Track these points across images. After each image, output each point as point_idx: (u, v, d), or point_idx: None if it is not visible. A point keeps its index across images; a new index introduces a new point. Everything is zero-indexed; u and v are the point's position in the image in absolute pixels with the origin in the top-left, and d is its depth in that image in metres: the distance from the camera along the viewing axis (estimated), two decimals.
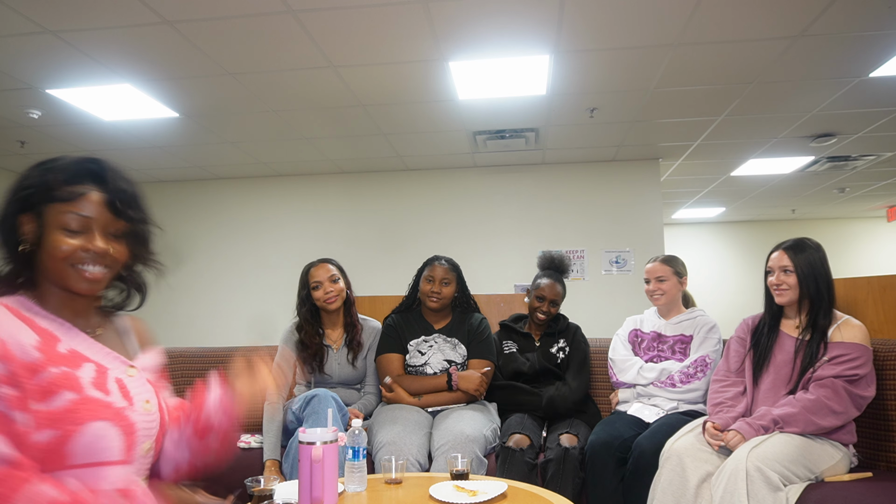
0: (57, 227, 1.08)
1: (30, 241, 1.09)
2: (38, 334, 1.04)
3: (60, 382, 1.01)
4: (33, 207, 1.09)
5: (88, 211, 1.10)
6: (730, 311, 5.48)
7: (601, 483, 2.24)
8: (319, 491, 1.48)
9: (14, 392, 0.97)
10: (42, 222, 1.08)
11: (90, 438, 1.02)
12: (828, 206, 8.18)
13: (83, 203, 1.10)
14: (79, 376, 1.05)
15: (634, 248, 5.58)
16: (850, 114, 4.35)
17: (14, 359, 0.98)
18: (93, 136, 4.52)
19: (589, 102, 4.08)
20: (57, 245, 1.08)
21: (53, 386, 1.00)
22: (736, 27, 3.04)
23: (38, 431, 0.97)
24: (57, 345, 1.06)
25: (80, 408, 1.02)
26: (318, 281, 2.62)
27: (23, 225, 1.09)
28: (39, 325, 1.06)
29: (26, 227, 1.09)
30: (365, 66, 3.44)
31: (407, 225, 5.85)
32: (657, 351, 2.62)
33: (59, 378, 1.01)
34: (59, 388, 1.01)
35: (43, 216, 1.09)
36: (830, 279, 2.13)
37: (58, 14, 2.80)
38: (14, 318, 1.03)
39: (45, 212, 1.09)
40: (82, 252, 1.09)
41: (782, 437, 1.94)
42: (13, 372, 0.97)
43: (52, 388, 1.00)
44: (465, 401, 2.56)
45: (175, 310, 5.87)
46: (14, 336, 1.00)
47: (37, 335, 1.03)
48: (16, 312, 1.04)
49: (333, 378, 2.64)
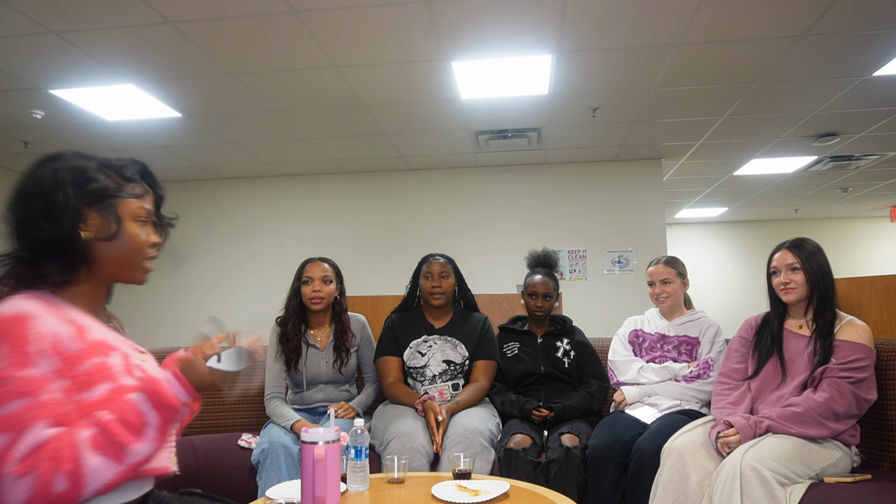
0: (132, 219, 1.14)
1: (95, 233, 1.10)
2: (71, 325, 1.06)
3: (98, 373, 1.05)
4: (103, 201, 1.11)
5: (149, 206, 1.18)
6: (732, 310, 5.46)
7: (603, 486, 2.24)
8: (322, 490, 1.49)
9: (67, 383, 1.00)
10: (114, 216, 1.12)
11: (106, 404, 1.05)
12: (831, 205, 8.16)
13: (147, 199, 1.18)
14: (111, 365, 1.07)
15: (637, 248, 5.58)
16: (853, 113, 4.34)
17: (61, 352, 1.01)
18: (96, 136, 4.53)
19: (591, 102, 4.08)
20: (138, 236, 1.15)
21: (92, 377, 1.04)
22: (738, 27, 3.03)
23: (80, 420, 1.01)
24: (87, 334, 1.07)
25: (117, 396, 1.05)
26: (309, 277, 2.60)
27: (91, 218, 1.10)
28: (69, 317, 1.07)
29: (94, 220, 1.10)
30: (367, 66, 3.45)
31: (409, 225, 5.85)
32: (661, 352, 2.62)
33: (96, 369, 1.05)
34: (97, 379, 1.04)
35: (116, 209, 1.12)
36: (833, 277, 2.14)
37: (61, 14, 2.81)
38: (48, 310, 1.04)
39: (119, 206, 1.13)
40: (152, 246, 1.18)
41: (779, 435, 1.94)
42: (61, 365, 1.00)
43: (92, 379, 1.03)
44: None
45: (177, 309, 5.89)
46: (56, 328, 1.02)
47: (69, 326, 1.05)
48: (47, 304, 1.05)
49: (321, 377, 2.64)
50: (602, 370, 2.74)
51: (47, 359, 0.99)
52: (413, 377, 2.63)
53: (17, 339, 0.97)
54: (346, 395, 2.68)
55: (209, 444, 2.54)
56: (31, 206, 1.07)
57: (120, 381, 1.06)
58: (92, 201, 1.10)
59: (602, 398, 2.67)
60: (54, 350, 1.00)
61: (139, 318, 5.90)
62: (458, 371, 2.61)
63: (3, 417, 0.94)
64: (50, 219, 1.06)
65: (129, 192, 1.14)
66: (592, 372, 2.71)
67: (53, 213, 1.06)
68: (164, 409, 1.04)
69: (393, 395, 2.55)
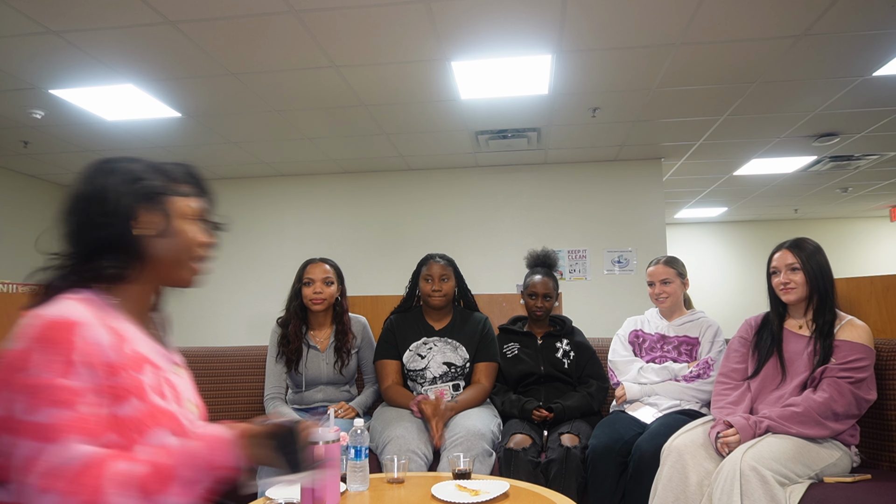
0: (181, 217, 1.15)
1: (146, 230, 1.11)
2: (112, 334, 1.04)
3: (130, 389, 1.02)
4: (153, 199, 1.12)
5: (196, 206, 1.19)
6: (732, 310, 5.47)
7: (603, 486, 2.24)
8: (321, 490, 1.49)
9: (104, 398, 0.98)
10: (164, 213, 1.13)
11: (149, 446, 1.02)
12: (830, 205, 8.16)
13: (194, 199, 1.19)
14: (143, 381, 1.05)
15: (637, 248, 5.58)
16: (853, 113, 4.34)
17: (99, 363, 0.99)
18: (96, 136, 4.53)
19: (591, 102, 4.08)
20: (187, 233, 1.15)
21: (125, 392, 1.01)
22: (738, 27, 3.03)
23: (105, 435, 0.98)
24: (125, 345, 1.06)
25: (145, 417, 1.03)
26: (310, 278, 2.60)
27: (142, 215, 1.11)
28: (111, 325, 1.05)
29: (145, 217, 1.11)
30: (367, 66, 3.45)
31: (409, 225, 5.85)
32: (661, 352, 2.62)
33: (128, 384, 1.02)
34: (129, 394, 1.02)
35: (165, 207, 1.13)
36: (833, 277, 2.14)
37: (61, 14, 2.81)
38: (94, 316, 1.03)
39: (168, 203, 1.14)
40: (201, 245, 1.18)
41: (779, 435, 1.94)
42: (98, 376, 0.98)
43: (124, 393, 1.01)
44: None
45: (176, 309, 5.86)
46: (99, 337, 1.00)
47: (111, 335, 1.03)
48: (93, 308, 1.04)
49: (322, 378, 2.64)
50: (602, 370, 2.74)
51: (90, 370, 0.97)
52: (413, 379, 2.63)
53: (64, 346, 0.95)
54: (346, 396, 2.68)
55: None
56: (86, 208, 1.09)
57: (150, 400, 1.05)
58: (143, 199, 1.11)
59: (602, 398, 2.67)
60: (98, 361, 0.98)
61: None
62: (459, 373, 2.61)
63: (35, 424, 0.91)
64: (104, 217, 1.08)
65: (177, 191, 1.16)
66: (592, 372, 2.71)
67: (107, 213, 1.08)
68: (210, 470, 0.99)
69: (390, 398, 2.55)
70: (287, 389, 2.69)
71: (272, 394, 2.59)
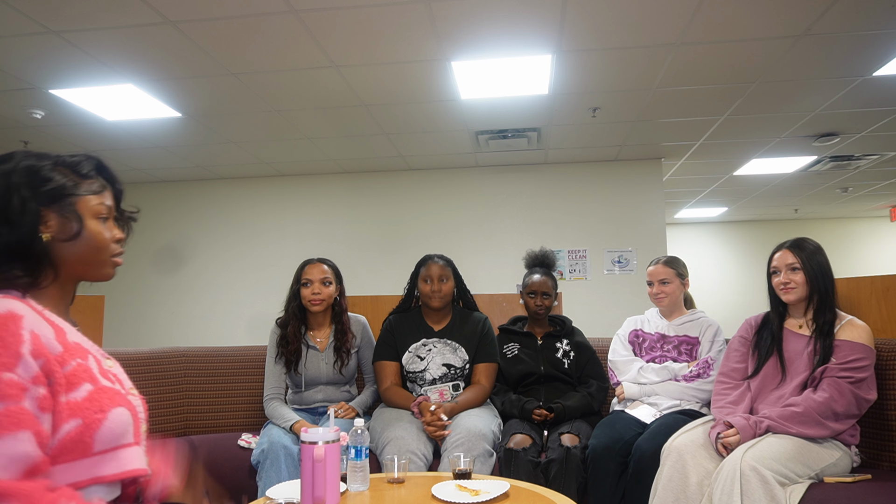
0: (92, 217, 1.12)
1: (56, 234, 1.08)
2: (51, 325, 1.04)
3: (80, 374, 1.03)
4: (61, 200, 1.08)
5: (109, 202, 1.16)
6: (732, 310, 5.47)
7: (603, 486, 2.24)
8: (322, 490, 1.49)
9: (45, 391, 0.97)
10: (74, 215, 1.09)
11: (113, 424, 1.04)
12: (831, 205, 8.16)
13: (106, 195, 1.15)
14: (90, 366, 1.06)
15: (637, 248, 5.58)
16: (853, 113, 4.34)
17: (47, 354, 0.99)
18: (95, 135, 4.53)
19: (591, 102, 4.08)
20: (101, 233, 1.13)
21: (76, 377, 1.02)
22: (738, 26, 3.03)
23: (67, 422, 0.98)
24: (66, 336, 1.06)
25: (100, 396, 1.03)
26: (308, 279, 2.60)
27: (49, 218, 1.07)
28: (48, 317, 1.05)
29: (53, 221, 1.08)
30: (367, 66, 3.45)
31: (409, 224, 5.86)
32: (661, 352, 2.62)
33: (78, 369, 1.03)
34: (80, 379, 1.02)
35: (75, 208, 1.10)
36: (833, 277, 2.14)
37: (60, 14, 2.81)
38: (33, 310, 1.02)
39: (78, 204, 1.10)
40: (117, 242, 1.16)
41: (779, 435, 1.94)
42: (48, 367, 0.98)
43: (76, 379, 1.02)
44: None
45: (176, 309, 5.89)
46: (41, 329, 1.00)
47: (52, 327, 1.04)
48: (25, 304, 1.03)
49: (321, 378, 2.64)
50: (602, 371, 2.74)
51: (36, 360, 0.96)
52: (412, 381, 2.63)
53: (11, 338, 0.94)
54: (346, 396, 2.68)
55: (209, 443, 2.54)
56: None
57: (100, 383, 1.05)
58: (50, 202, 1.07)
59: (602, 398, 2.67)
60: (42, 352, 0.97)
61: (138, 317, 5.93)
62: (458, 375, 2.61)
63: None
64: (8, 223, 1.03)
65: (87, 189, 1.11)
66: (592, 372, 2.72)
67: (11, 218, 1.03)
68: None
69: (389, 399, 2.55)
70: (287, 390, 2.69)
71: (271, 394, 2.59)
